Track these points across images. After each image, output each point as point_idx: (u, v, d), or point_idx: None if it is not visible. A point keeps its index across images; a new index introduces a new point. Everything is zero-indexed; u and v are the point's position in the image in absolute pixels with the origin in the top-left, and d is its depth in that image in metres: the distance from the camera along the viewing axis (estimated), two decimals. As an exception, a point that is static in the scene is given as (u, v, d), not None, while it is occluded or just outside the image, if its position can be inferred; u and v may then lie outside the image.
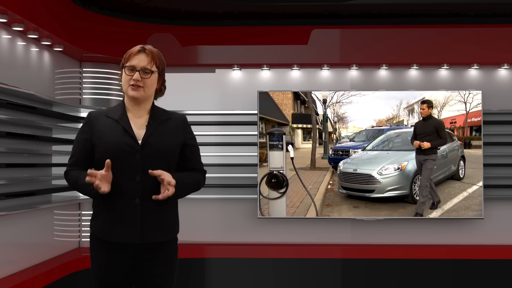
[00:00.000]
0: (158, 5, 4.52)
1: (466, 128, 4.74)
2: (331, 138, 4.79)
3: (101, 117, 2.46)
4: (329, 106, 4.77)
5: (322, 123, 4.78)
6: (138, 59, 2.41)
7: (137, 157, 2.37)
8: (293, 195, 4.71)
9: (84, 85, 4.68)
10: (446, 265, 4.71)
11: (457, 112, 4.74)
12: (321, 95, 4.76)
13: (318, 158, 4.74)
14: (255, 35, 4.84)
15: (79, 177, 2.41)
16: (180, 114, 2.58)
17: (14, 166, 3.62)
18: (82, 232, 4.63)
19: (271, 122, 4.75)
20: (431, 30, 4.79)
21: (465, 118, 4.74)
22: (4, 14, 3.33)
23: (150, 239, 2.40)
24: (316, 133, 4.78)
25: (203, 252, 4.77)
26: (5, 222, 3.49)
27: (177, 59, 4.77)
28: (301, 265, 4.74)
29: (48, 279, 3.79)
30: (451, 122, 4.75)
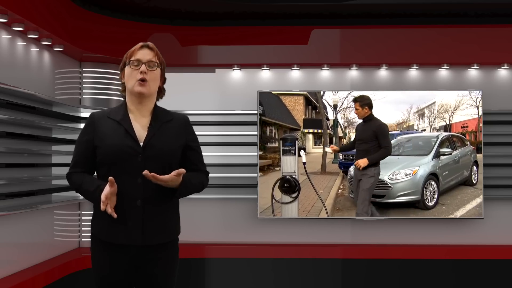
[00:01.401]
0: (158, 5, 4.52)
1: (479, 132, 4.71)
2: (341, 143, 4.77)
3: (103, 119, 2.45)
4: (340, 111, 4.75)
5: (333, 128, 4.76)
6: (142, 53, 2.42)
7: (138, 159, 2.36)
8: (304, 199, 4.71)
9: (84, 85, 4.68)
10: (446, 265, 4.71)
11: (469, 116, 4.70)
12: (332, 100, 4.73)
13: (328, 163, 4.73)
14: (255, 35, 4.84)
15: (82, 181, 2.41)
16: (182, 115, 2.57)
17: (14, 166, 3.62)
18: (82, 232, 4.63)
19: (283, 128, 4.75)
20: (431, 30, 4.78)
21: (477, 123, 4.70)
22: (4, 14, 3.33)
23: (151, 241, 2.39)
24: (326, 138, 4.77)
25: (203, 252, 4.77)
26: (5, 222, 3.49)
27: (177, 59, 4.77)
28: (301, 265, 4.74)
29: (48, 279, 3.79)
30: (462, 126, 4.70)
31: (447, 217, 4.71)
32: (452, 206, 4.67)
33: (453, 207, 4.66)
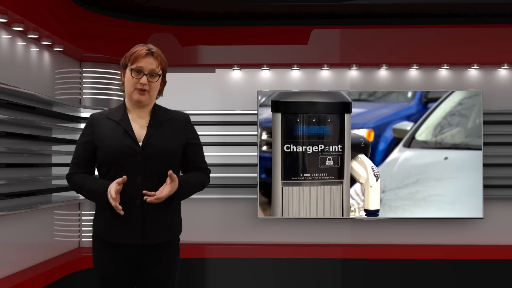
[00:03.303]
0: (158, 5, 4.52)
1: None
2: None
3: (102, 119, 2.45)
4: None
5: None
6: (146, 62, 2.38)
7: (138, 158, 2.36)
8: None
9: (84, 85, 4.68)
10: (446, 265, 4.71)
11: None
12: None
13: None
14: (255, 35, 4.84)
15: (84, 182, 2.42)
16: (182, 113, 2.55)
17: (14, 166, 3.62)
18: (82, 232, 4.63)
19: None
20: (431, 30, 4.78)
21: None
22: (4, 14, 3.33)
23: (151, 240, 2.39)
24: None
25: (203, 252, 4.77)
26: (5, 222, 3.49)
27: (177, 59, 4.77)
28: (301, 265, 4.74)
29: (48, 279, 3.79)
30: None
31: (447, 217, 4.71)
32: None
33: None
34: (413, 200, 4.71)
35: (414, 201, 4.71)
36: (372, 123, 4.71)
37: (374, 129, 4.70)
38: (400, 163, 4.72)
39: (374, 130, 4.70)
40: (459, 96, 4.73)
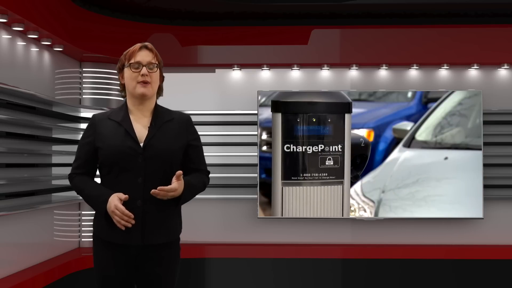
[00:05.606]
0: (158, 5, 4.52)
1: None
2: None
3: (104, 120, 2.46)
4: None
5: None
6: (141, 55, 2.42)
7: (139, 159, 2.37)
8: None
9: (84, 85, 4.68)
10: (446, 265, 4.71)
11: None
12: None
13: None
14: (255, 35, 4.84)
15: (85, 186, 2.42)
16: (184, 114, 2.55)
17: (14, 166, 3.62)
18: (82, 232, 4.63)
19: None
20: (431, 30, 4.79)
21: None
22: (4, 14, 3.33)
23: (151, 241, 2.40)
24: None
25: (203, 252, 4.77)
26: (5, 222, 3.49)
27: (177, 59, 4.77)
28: (301, 265, 4.74)
29: (48, 279, 3.79)
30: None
31: (447, 217, 4.71)
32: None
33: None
34: (413, 200, 4.71)
35: (414, 201, 4.71)
36: (372, 123, 4.71)
37: (374, 129, 4.70)
38: (400, 163, 4.72)
39: (374, 130, 4.70)
40: (459, 96, 4.73)
